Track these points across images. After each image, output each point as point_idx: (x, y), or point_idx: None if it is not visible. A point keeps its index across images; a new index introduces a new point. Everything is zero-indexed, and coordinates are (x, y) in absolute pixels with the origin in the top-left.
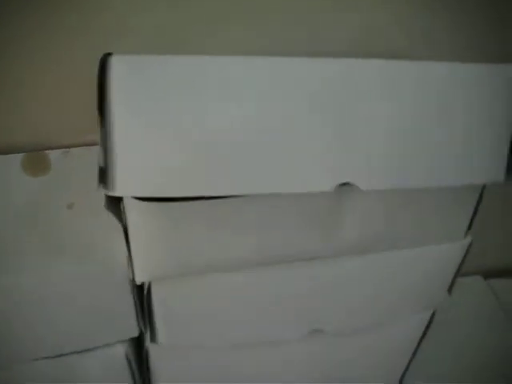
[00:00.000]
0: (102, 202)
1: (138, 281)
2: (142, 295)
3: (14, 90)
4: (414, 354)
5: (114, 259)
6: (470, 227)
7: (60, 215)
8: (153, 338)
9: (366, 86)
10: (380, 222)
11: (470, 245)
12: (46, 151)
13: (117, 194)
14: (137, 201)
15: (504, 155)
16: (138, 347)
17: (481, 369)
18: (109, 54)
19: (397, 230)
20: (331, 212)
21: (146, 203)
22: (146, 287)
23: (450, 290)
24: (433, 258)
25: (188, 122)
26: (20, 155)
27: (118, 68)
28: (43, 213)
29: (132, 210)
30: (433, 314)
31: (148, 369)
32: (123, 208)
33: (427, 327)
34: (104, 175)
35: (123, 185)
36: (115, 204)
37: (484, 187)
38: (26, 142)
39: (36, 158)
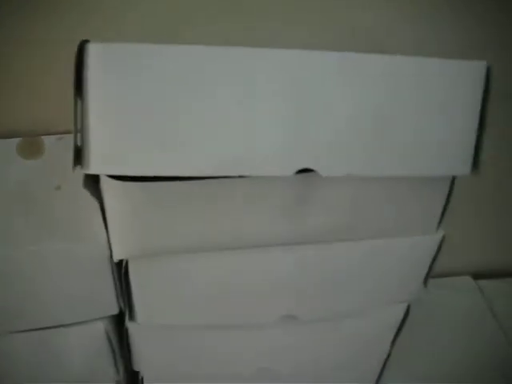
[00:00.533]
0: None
1: (116, 258)
2: (121, 273)
3: (15, 81)
4: (390, 351)
5: (95, 237)
6: (441, 220)
7: (48, 196)
8: (131, 317)
9: (329, 75)
10: (347, 210)
11: (443, 239)
12: (42, 136)
13: (91, 171)
14: (112, 180)
15: (470, 149)
16: (121, 325)
17: (467, 369)
18: (86, 41)
19: (365, 220)
20: (297, 199)
21: (120, 182)
22: (123, 265)
23: (425, 283)
24: (404, 250)
25: (160, 107)
26: (17, 139)
27: (95, 54)
28: (33, 193)
29: (108, 188)
30: (408, 308)
31: (129, 347)
32: (101, 187)
33: (403, 321)
34: (79, 154)
35: (97, 163)
36: (93, 183)
37: (453, 181)
38: (26, 128)
39: (31, 143)
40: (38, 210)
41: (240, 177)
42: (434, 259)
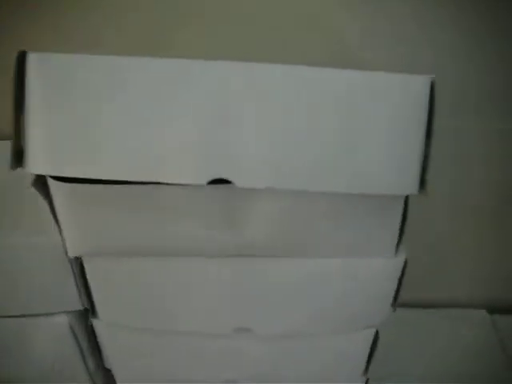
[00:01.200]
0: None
1: (70, 255)
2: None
3: None
4: (366, 377)
5: (55, 233)
6: (399, 243)
7: (18, 193)
8: (94, 314)
9: (263, 88)
10: (288, 225)
11: (405, 263)
12: None
13: (29, 170)
14: (54, 181)
15: (417, 167)
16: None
17: None
18: (24, 52)
19: (311, 237)
20: (234, 209)
21: (61, 183)
22: (78, 262)
23: (393, 306)
24: (361, 272)
25: (86, 114)
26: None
27: (33, 64)
28: (5, 190)
29: (53, 189)
30: (376, 333)
31: (98, 345)
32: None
33: (373, 347)
34: (21, 156)
35: (34, 162)
36: (42, 183)
37: (407, 201)
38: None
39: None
40: (10, 207)
41: (167, 184)
42: (399, 284)
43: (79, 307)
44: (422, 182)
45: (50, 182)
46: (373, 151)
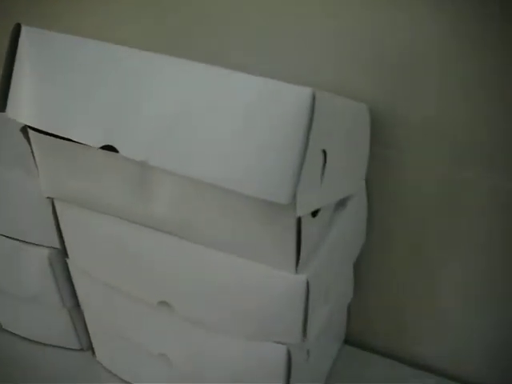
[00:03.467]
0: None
1: (44, 195)
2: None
3: None
4: None
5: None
6: (298, 261)
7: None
8: (66, 254)
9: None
10: (187, 209)
11: (308, 285)
12: None
13: (9, 116)
14: (30, 129)
15: (290, 177)
16: None
17: None
18: (19, 24)
19: (206, 226)
20: (142, 180)
21: (35, 133)
22: (51, 203)
23: (303, 332)
24: (256, 278)
25: (67, 82)
26: None
27: (26, 35)
28: None
29: (31, 136)
30: (288, 352)
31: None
32: None
33: (288, 368)
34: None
35: (12, 109)
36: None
37: (300, 221)
38: None
39: None
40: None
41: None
42: (305, 309)
43: (56, 245)
44: (294, 194)
45: (29, 131)
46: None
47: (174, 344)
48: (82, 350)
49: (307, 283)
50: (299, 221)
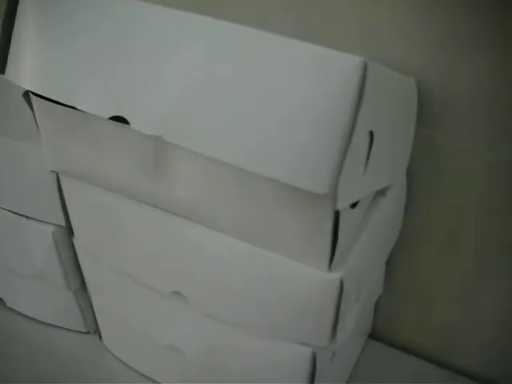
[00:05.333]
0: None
1: (49, 168)
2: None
3: None
4: None
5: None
6: (332, 258)
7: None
8: (70, 232)
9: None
10: (207, 194)
11: (342, 284)
12: None
13: (7, 78)
14: (33, 95)
15: (331, 163)
16: None
17: None
18: None
19: (228, 213)
20: (157, 158)
21: (38, 100)
22: (56, 177)
23: (332, 334)
24: (285, 275)
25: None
26: None
27: None
28: None
29: (34, 104)
30: (314, 356)
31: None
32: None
33: (312, 373)
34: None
35: (11, 71)
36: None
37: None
38: None
39: None
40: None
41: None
42: (336, 309)
43: (61, 223)
44: (335, 183)
45: (32, 97)
46: (280, 128)
47: (187, 336)
48: (88, 333)
49: (341, 282)
50: (337, 213)
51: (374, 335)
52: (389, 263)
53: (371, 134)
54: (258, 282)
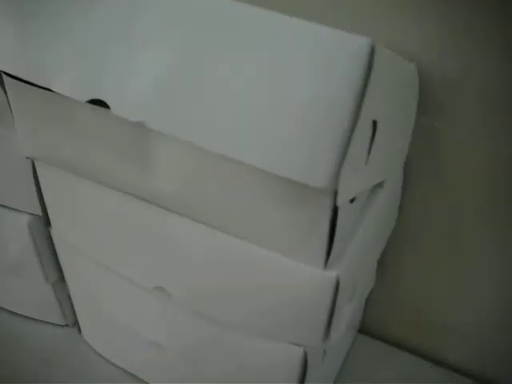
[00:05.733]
0: None
1: (23, 155)
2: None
3: None
4: None
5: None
6: (329, 256)
7: None
8: (47, 222)
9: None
10: (193, 185)
11: (337, 283)
12: None
13: None
14: (6, 77)
15: (334, 154)
16: None
17: None
18: None
19: (216, 206)
20: (139, 145)
21: (11, 80)
22: (31, 164)
23: (326, 334)
24: (277, 273)
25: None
26: None
27: None
28: None
29: (7, 85)
30: (305, 355)
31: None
32: None
33: (302, 372)
34: None
35: None
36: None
37: (336, 200)
38: None
39: None
40: None
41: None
42: (331, 309)
43: (37, 212)
44: (337, 178)
45: (5, 78)
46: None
47: (171, 333)
48: (67, 325)
49: (337, 281)
50: (335, 209)
51: (364, 330)
52: (380, 259)
53: (374, 123)
54: (248, 280)
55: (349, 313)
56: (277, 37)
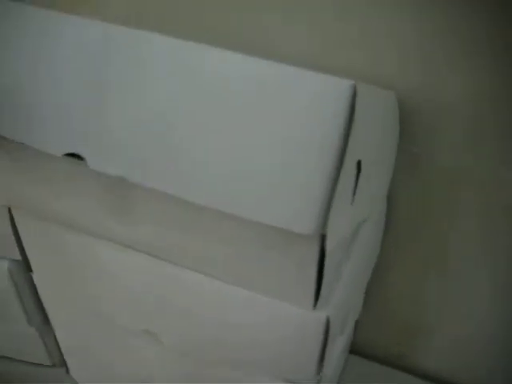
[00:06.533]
0: None
1: None
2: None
3: None
4: None
5: None
6: (317, 297)
7: None
8: (28, 267)
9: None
10: (178, 234)
11: (328, 322)
12: None
13: None
14: None
15: (320, 200)
16: None
17: None
18: None
19: (202, 253)
20: (118, 196)
21: None
22: (7, 211)
23: (318, 370)
24: (266, 311)
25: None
26: None
27: None
28: None
29: None
30: None
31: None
32: None
33: None
34: None
35: None
36: None
37: (324, 245)
38: None
39: None
40: None
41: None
42: (323, 347)
43: (17, 257)
44: (323, 224)
45: None
46: (265, 166)
47: (160, 374)
48: (54, 366)
49: (327, 321)
50: (322, 251)
51: (355, 350)
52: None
53: (359, 163)
54: (236, 322)
55: (341, 344)
56: (261, 83)
